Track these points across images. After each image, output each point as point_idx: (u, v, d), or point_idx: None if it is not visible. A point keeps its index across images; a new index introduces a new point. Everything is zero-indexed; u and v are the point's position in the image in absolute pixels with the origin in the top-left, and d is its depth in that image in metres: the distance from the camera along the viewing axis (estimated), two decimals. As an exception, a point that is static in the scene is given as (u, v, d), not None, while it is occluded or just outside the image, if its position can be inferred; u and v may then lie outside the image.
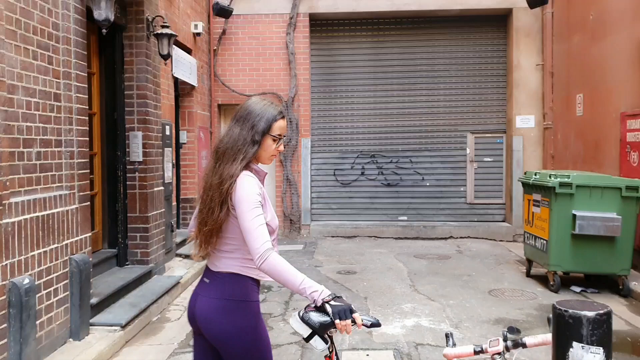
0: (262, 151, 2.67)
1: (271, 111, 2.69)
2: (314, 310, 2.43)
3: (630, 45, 8.06)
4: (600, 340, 1.82)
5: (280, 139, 2.71)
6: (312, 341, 2.44)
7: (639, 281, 7.33)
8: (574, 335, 1.83)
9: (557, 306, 1.88)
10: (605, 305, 1.89)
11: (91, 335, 5.36)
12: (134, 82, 7.15)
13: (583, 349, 1.82)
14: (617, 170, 8.36)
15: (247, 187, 2.51)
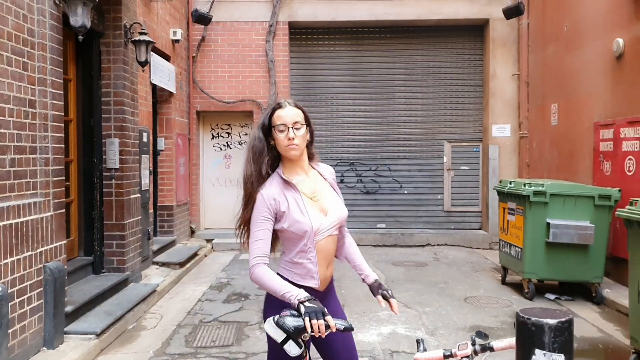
0: (278, 147, 2.77)
1: (271, 107, 2.83)
2: (289, 315, 2.46)
3: (603, 56, 8.22)
4: (561, 347, 1.86)
5: (288, 129, 2.71)
6: (287, 346, 2.46)
7: (612, 289, 7.44)
8: (537, 343, 1.87)
9: (520, 314, 1.93)
10: (567, 313, 1.94)
11: (65, 344, 5.31)
12: (111, 88, 7.12)
13: (545, 356, 1.86)
14: (590, 179, 8.50)
15: (257, 204, 2.73)
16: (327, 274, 2.82)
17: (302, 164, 2.83)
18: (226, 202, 11.99)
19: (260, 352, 5.47)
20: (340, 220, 2.82)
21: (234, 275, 8.82)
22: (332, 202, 2.82)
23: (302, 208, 2.71)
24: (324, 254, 2.77)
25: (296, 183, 2.77)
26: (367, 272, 2.92)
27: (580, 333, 6.08)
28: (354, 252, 3.01)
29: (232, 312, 6.84)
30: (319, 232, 2.73)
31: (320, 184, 2.86)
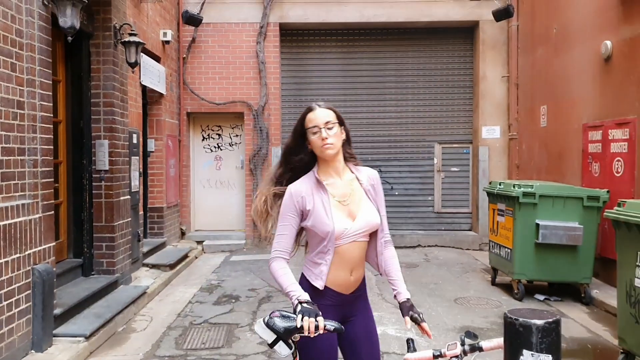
0: (314, 149, 2.81)
1: (302, 112, 2.89)
2: (279, 316, 2.48)
3: (591, 58, 8.27)
4: (549, 348, 1.88)
5: (320, 130, 2.75)
6: (277, 347, 2.48)
7: (600, 289, 7.49)
8: (524, 344, 1.88)
9: (507, 315, 1.94)
10: (554, 313, 1.95)
11: (54, 347, 5.28)
12: (101, 89, 7.10)
13: (533, 357, 1.87)
14: (579, 180, 8.56)
15: (285, 199, 2.81)
16: (349, 279, 2.80)
17: (336, 165, 2.84)
18: (217, 204, 11.99)
19: (250, 354, 5.46)
20: (368, 227, 2.79)
21: (225, 277, 8.81)
22: (363, 207, 2.80)
23: (327, 209, 2.74)
24: (346, 258, 2.77)
25: (327, 185, 2.80)
26: (401, 290, 2.86)
27: (569, 333, 6.11)
28: (391, 266, 2.92)
29: (223, 314, 6.82)
30: (343, 236, 2.74)
31: (355, 188, 2.85)
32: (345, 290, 2.81)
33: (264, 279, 8.63)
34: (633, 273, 4.70)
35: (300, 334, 2.46)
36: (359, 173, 2.90)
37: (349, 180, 2.86)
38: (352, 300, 2.84)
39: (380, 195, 2.92)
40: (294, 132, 2.89)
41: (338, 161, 2.84)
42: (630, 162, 7.32)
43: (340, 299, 2.80)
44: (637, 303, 4.65)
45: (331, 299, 2.79)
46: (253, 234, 11.53)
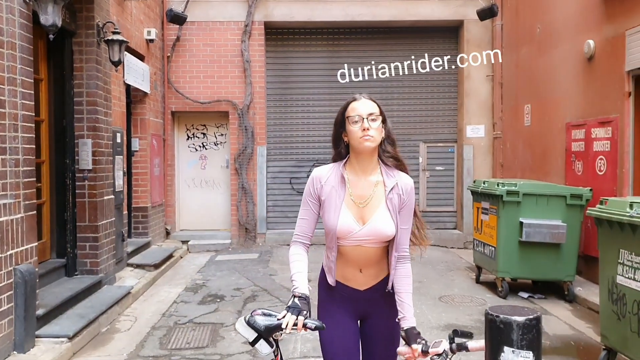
0: (350, 140, 2.69)
1: (345, 102, 2.77)
2: (260, 315, 2.47)
3: (575, 57, 8.34)
4: (530, 344, 1.89)
5: (362, 119, 2.62)
6: (258, 345, 2.48)
7: (584, 287, 7.56)
8: (505, 340, 1.90)
9: (489, 312, 1.95)
10: (535, 310, 1.96)
11: (37, 348, 5.23)
12: (84, 88, 7.04)
13: (514, 354, 1.89)
14: (562, 178, 8.63)
15: (307, 183, 2.81)
16: (359, 275, 2.74)
17: (366, 163, 2.70)
18: (202, 203, 11.94)
19: (235, 353, 5.44)
20: (375, 236, 2.65)
21: (210, 277, 8.77)
22: (377, 215, 2.65)
23: (336, 206, 2.67)
24: (352, 259, 2.72)
25: (350, 182, 2.70)
26: (407, 315, 2.67)
27: (552, 331, 6.16)
28: (402, 287, 2.73)
29: (208, 314, 6.79)
30: (347, 237, 2.66)
31: (377, 193, 2.69)
32: (358, 286, 2.75)
33: (249, 278, 8.61)
34: (615, 270, 4.74)
35: (281, 332, 2.45)
36: (389, 178, 2.70)
37: (373, 182, 2.70)
38: (369, 298, 2.77)
39: (407, 208, 2.72)
40: (335, 123, 2.78)
41: (370, 159, 2.70)
42: (612, 160, 7.39)
43: (354, 293, 2.76)
44: (619, 300, 4.69)
45: (344, 292, 2.77)
46: (238, 234, 11.50)
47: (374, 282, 2.76)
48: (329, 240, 2.73)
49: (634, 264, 4.49)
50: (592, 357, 5.32)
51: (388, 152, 2.73)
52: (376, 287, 2.77)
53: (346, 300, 2.77)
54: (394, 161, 2.74)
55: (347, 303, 2.77)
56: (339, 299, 2.78)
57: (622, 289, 4.65)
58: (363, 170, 2.71)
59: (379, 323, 2.80)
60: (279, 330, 2.43)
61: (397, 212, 2.69)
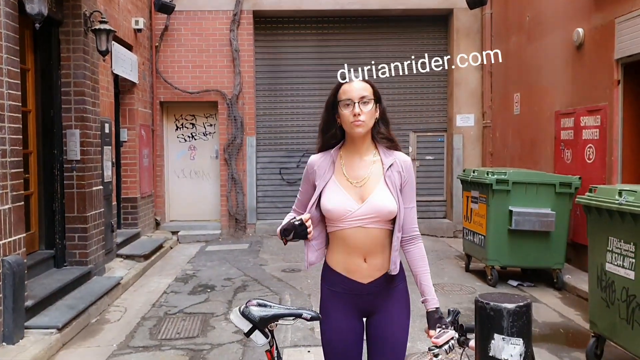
0: (343, 124, 2.63)
1: (337, 83, 2.68)
2: (255, 305, 2.45)
3: (564, 46, 8.35)
4: (519, 331, 1.89)
5: (354, 104, 2.54)
6: (253, 336, 2.45)
7: (573, 274, 7.61)
8: (495, 327, 1.90)
9: (479, 299, 1.95)
10: (525, 297, 1.97)
11: (26, 339, 5.19)
12: (71, 78, 6.97)
13: (504, 341, 1.89)
14: (552, 167, 8.66)
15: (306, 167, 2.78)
16: (362, 266, 2.60)
17: (361, 144, 2.64)
18: (192, 194, 11.90)
19: (226, 343, 5.44)
20: (376, 213, 2.55)
21: (200, 267, 8.75)
22: (377, 193, 2.57)
23: (330, 188, 2.61)
24: (352, 244, 2.59)
25: (343, 163, 2.64)
26: (429, 297, 2.66)
27: (541, 318, 6.20)
28: (420, 268, 2.71)
29: (198, 304, 6.78)
30: (345, 218, 2.56)
31: (375, 172, 2.62)
32: (360, 278, 2.61)
33: (240, 268, 8.60)
34: (604, 258, 4.77)
35: (276, 323, 2.44)
36: (387, 157, 2.65)
37: (370, 162, 2.64)
38: (373, 292, 2.63)
39: (409, 185, 2.67)
40: (326, 105, 2.69)
41: (363, 140, 2.64)
42: (601, 148, 7.42)
43: (355, 287, 2.62)
44: (607, 287, 4.72)
45: (342, 286, 2.64)
46: (228, 224, 11.48)
47: (378, 275, 2.63)
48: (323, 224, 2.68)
49: (623, 252, 4.52)
50: (581, 344, 5.36)
51: (382, 134, 2.68)
52: (381, 280, 2.64)
53: (349, 296, 2.63)
54: (387, 142, 2.69)
55: (351, 299, 2.63)
56: (342, 294, 2.64)
57: (611, 276, 4.68)
58: (358, 151, 2.66)
59: (385, 320, 2.66)
60: (274, 321, 2.42)
61: (398, 189, 2.62)
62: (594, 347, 4.95)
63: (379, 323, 2.66)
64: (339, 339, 2.65)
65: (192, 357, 5.12)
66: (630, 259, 4.43)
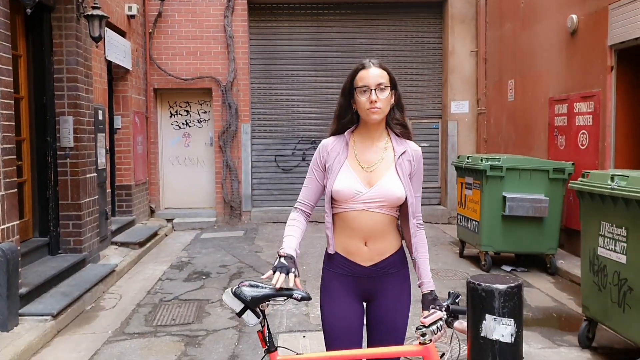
0: (359, 110, 2.64)
1: (354, 68, 2.68)
2: (247, 286, 2.46)
3: (558, 32, 8.34)
4: (511, 312, 1.91)
5: (370, 91, 2.56)
6: (245, 316, 2.45)
7: (566, 260, 7.66)
8: (487, 308, 1.91)
9: (471, 280, 1.96)
10: (516, 279, 1.98)
11: (20, 326, 5.20)
12: (64, 65, 6.93)
13: (495, 321, 1.90)
14: (545, 153, 8.68)
15: (315, 151, 2.77)
16: (363, 249, 2.63)
17: (375, 130, 2.67)
18: (186, 182, 11.89)
19: (221, 329, 5.46)
20: (384, 197, 2.58)
21: (195, 254, 8.77)
22: (386, 179, 2.60)
23: (341, 169, 2.63)
24: (355, 226, 2.62)
25: (356, 147, 2.67)
26: (425, 280, 2.69)
27: (534, 303, 6.25)
28: (418, 254, 2.73)
29: (193, 291, 6.80)
30: (353, 200, 2.59)
31: (386, 158, 2.65)
32: (361, 261, 2.64)
33: (235, 255, 8.62)
34: (596, 242, 4.80)
35: (268, 303, 2.45)
36: (398, 145, 2.68)
37: (382, 147, 2.67)
38: (373, 276, 2.65)
39: (419, 174, 2.72)
40: (343, 91, 2.70)
41: (378, 126, 2.66)
42: (594, 134, 7.44)
43: (355, 269, 2.65)
44: (600, 271, 4.75)
45: (343, 268, 2.67)
46: (224, 212, 11.48)
47: (379, 259, 2.65)
48: (327, 204, 2.68)
49: (615, 236, 4.54)
50: (574, 328, 5.40)
51: (397, 120, 2.70)
52: (382, 265, 2.66)
53: (349, 278, 2.66)
54: (401, 128, 2.71)
55: (351, 281, 2.66)
56: (342, 275, 2.68)
57: (603, 260, 4.71)
58: (371, 137, 2.68)
59: (385, 305, 2.68)
60: (265, 301, 2.42)
61: (408, 178, 2.66)
62: (586, 330, 4.99)
63: (379, 308, 2.69)
64: (340, 320, 2.67)
65: (187, 343, 5.14)
66: (622, 243, 4.46)
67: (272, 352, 2.48)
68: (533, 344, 5.05)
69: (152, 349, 5.02)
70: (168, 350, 4.98)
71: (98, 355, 4.90)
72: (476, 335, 1.94)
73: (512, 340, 1.91)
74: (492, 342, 1.91)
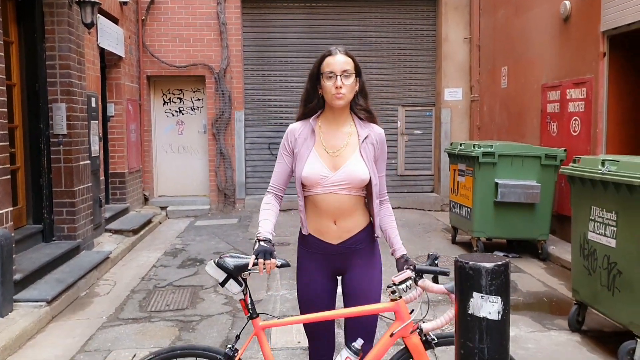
0: (325, 95, 2.76)
1: (320, 55, 2.80)
2: (229, 257, 2.61)
3: (551, 19, 8.36)
4: (498, 290, 1.94)
5: (336, 77, 2.68)
6: (228, 285, 2.61)
7: (557, 245, 7.72)
8: (474, 286, 1.94)
9: (459, 259, 1.99)
10: (503, 257, 2.01)
11: (15, 312, 5.22)
12: (56, 51, 6.90)
13: (482, 299, 1.94)
14: (538, 140, 8.72)
15: (283, 137, 2.88)
16: (332, 227, 2.77)
17: (339, 115, 2.79)
18: (180, 169, 11.89)
19: (215, 314, 5.50)
20: (349, 180, 2.72)
21: (189, 242, 8.79)
22: (351, 162, 2.74)
23: (308, 154, 2.75)
24: (324, 208, 2.76)
25: (322, 133, 2.79)
26: (397, 247, 2.86)
27: (526, 288, 6.31)
28: (387, 224, 2.90)
29: (187, 277, 6.83)
30: (320, 184, 2.72)
31: (351, 142, 2.78)
32: (331, 240, 2.79)
33: (229, 242, 8.65)
34: (586, 227, 4.85)
35: (249, 271, 2.59)
36: (362, 129, 2.81)
37: (347, 132, 2.80)
38: (343, 252, 2.81)
39: (383, 156, 2.85)
40: (310, 76, 2.82)
41: (342, 111, 2.79)
42: (586, 121, 7.48)
43: (326, 247, 2.80)
44: (590, 256, 4.80)
45: (315, 247, 2.83)
46: (217, 200, 11.50)
47: (347, 236, 2.80)
48: (298, 189, 2.79)
49: (605, 220, 4.59)
50: (564, 312, 5.46)
51: (360, 105, 2.83)
52: (350, 242, 2.81)
53: (321, 255, 2.83)
54: (365, 113, 2.84)
55: (322, 258, 2.83)
56: (315, 254, 2.84)
57: (593, 244, 4.76)
58: (336, 122, 2.81)
59: (355, 278, 2.84)
60: (247, 269, 2.57)
61: (372, 161, 2.79)
62: (575, 314, 5.05)
63: (351, 280, 2.85)
64: (313, 295, 2.86)
65: (181, 328, 5.18)
66: (612, 227, 4.50)
67: (255, 318, 2.64)
68: (523, 328, 5.11)
69: (146, 334, 5.05)
70: (162, 335, 5.01)
71: (93, 340, 4.93)
72: (464, 313, 1.98)
73: (499, 317, 1.95)
74: (480, 319, 1.95)
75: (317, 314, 2.72)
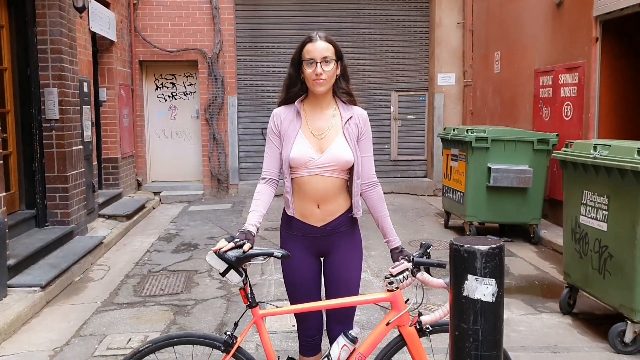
0: (306, 81, 2.81)
1: (301, 41, 2.84)
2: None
3: (544, 4, 8.35)
4: (492, 272, 1.96)
5: (316, 63, 2.73)
6: (228, 275, 2.62)
7: (549, 230, 7.78)
8: (469, 269, 1.97)
9: (453, 242, 2.01)
10: (498, 240, 2.04)
11: (9, 297, 5.23)
12: (48, 36, 6.84)
13: (477, 281, 1.96)
14: (530, 124, 8.75)
15: (269, 121, 2.92)
16: (315, 211, 2.83)
17: (322, 99, 2.84)
18: (173, 155, 11.86)
19: (209, 298, 5.53)
20: (335, 162, 2.77)
21: (183, 227, 8.80)
22: (335, 144, 2.79)
23: (294, 136, 2.80)
24: (309, 190, 2.81)
25: (306, 116, 2.84)
26: (391, 238, 2.90)
27: (518, 271, 6.37)
28: (378, 212, 2.94)
29: (181, 262, 6.85)
30: (306, 166, 2.77)
31: (335, 124, 2.84)
32: (314, 222, 2.85)
33: (223, 227, 8.66)
34: (578, 210, 4.89)
35: (250, 262, 2.61)
36: (345, 111, 2.87)
37: (330, 115, 2.86)
38: (325, 235, 2.86)
39: (366, 136, 2.89)
40: (292, 62, 2.86)
41: (325, 95, 2.84)
42: (579, 105, 7.51)
43: (309, 230, 2.85)
44: (581, 239, 4.85)
45: (299, 230, 2.88)
46: (211, 185, 11.49)
47: (330, 219, 2.86)
48: (285, 170, 2.83)
49: (597, 204, 4.63)
50: (555, 295, 5.52)
51: (342, 89, 2.88)
52: (333, 224, 2.87)
53: (305, 237, 2.88)
54: (347, 96, 2.89)
55: (306, 240, 2.88)
56: (298, 236, 2.89)
57: (584, 228, 4.80)
58: (320, 105, 2.86)
59: (339, 261, 2.91)
60: (248, 260, 2.59)
61: (356, 141, 2.84)
62: (567, 297, 5.11)
63: (333, 264, 2.92)
64: (299, 276, 2.91)
65: (176, 312, 5.20)
66: (603, 211, 4.55)
67: (254, 307, 2.67)
68: (515, 311, 5.17)
69: (141, 318, 5.07)
70: (157, 320, 5.03)
71: (87, 325, 4.95)
72: (458, 295, 2.00)
73: (493, 299, 1.97)
74: (474, 301, 1.97)
75: (314, 303, 2.78)
